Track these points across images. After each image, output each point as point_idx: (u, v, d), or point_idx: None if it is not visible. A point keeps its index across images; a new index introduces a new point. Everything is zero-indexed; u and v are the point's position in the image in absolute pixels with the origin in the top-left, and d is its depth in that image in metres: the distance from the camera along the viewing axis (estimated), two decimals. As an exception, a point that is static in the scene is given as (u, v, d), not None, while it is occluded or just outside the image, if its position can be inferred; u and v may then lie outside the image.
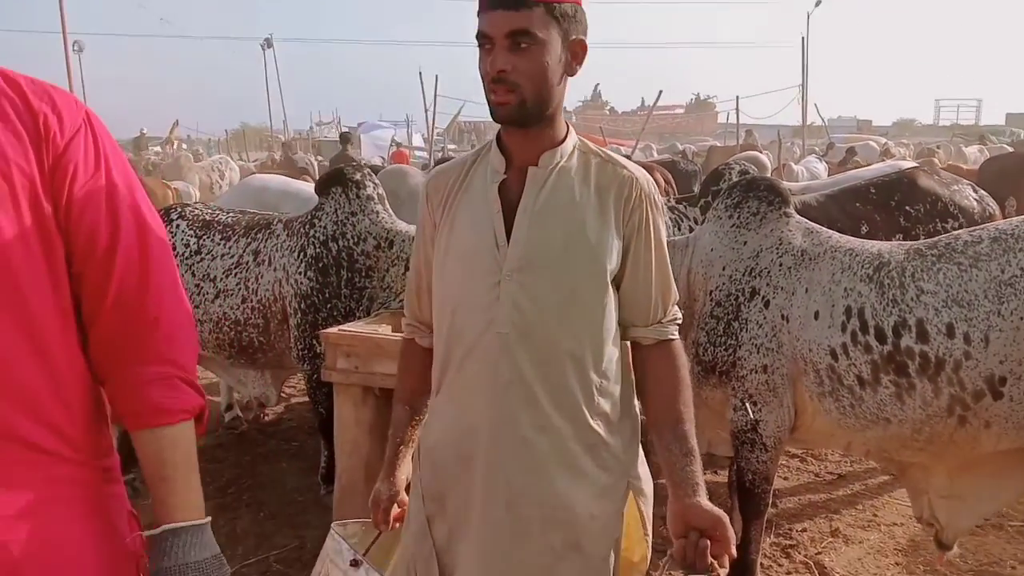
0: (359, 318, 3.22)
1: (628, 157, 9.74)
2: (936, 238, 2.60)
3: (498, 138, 1.56)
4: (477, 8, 1.43)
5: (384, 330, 2.84)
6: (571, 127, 1.57)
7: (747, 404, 2.64)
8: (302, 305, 3.31)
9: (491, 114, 1.48)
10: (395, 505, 1.70)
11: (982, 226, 2.59)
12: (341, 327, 2.87)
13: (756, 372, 2.62)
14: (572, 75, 1.50)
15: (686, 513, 1.42)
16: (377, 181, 3.62)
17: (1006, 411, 2.31)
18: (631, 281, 1.55)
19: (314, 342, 3.26)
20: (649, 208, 1.55)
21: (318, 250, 3.34)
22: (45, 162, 1.13)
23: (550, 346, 1.50)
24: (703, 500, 1.43)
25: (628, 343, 1.60)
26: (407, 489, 1.71)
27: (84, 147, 1.17)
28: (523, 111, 1.46)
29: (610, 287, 1.53)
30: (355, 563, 1.83)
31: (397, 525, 1.72)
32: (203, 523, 1.19)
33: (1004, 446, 2.38)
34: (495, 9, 1.41)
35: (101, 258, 1.17)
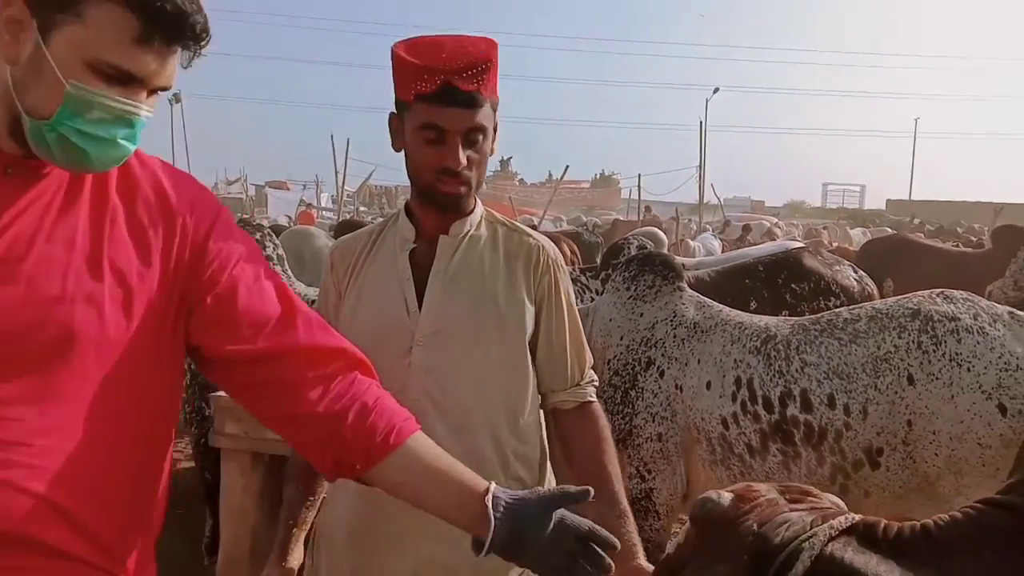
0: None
1: (535, 227, 9.95)
2: (819, 315, 2.75)
3: (407, 208, 1.60)
4: (425, 97, 1.44)
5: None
6: (477, 198, 1.61)
7: (642, 472, 2.68)
8: (192, 366, 3.18)
9: (431, 199, 1.51)
10: None
11: (861, 304, 2.75)
12: (233, 390, 2.77)
13: (651, 440, 2.67)
14: (493, 155, 1.56)
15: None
16: (277, 242, 3.57)
17: (883, 481, 2.42)
18: (546, 346, 1.57)
19: (203, 404, 3.13)
20: (557, 273, 1.59)
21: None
22: (183, 256, 1.13)
23: (464, 412, 1.49)
24: (643, 562, 1.44)
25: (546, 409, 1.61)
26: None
27: (223, 238, 1.17)
28: (467, 198, 1.53)
29: (526, 352, 1.55)
30: None
31: None
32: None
33: (882, 515, 2.48)
34: (453, 107, 1.44)
35: (273, 344, 1.16)
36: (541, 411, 1.62)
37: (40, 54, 1.00)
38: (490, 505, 1.12)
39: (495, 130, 1.53)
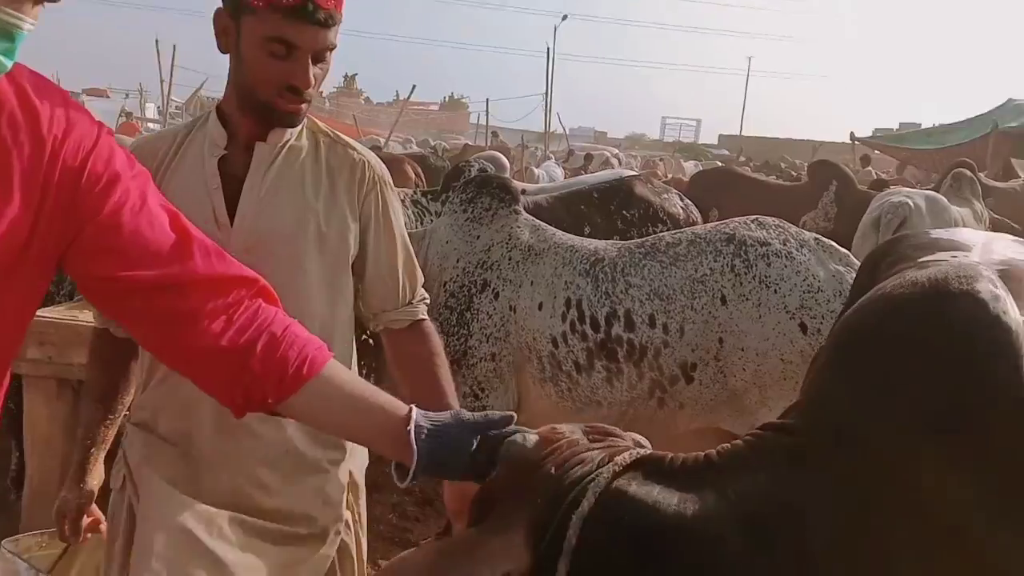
0: (59, 303, 2.89)
1: (380, 148, 9.67)
2: (644, 239, 2.87)
3: (218, 109, 1.46)
4: (279, 8, 1.32)
5: (85, 317, 2.56)
6: None
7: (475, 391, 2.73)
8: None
9: (265, 116, 1.41)
10: (85, 515, 1.54)
11: (682, 229, 2.89)
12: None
13: (485, 360, 2.72)
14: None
15: (465, 488, 1.43)
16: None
17: (696, 394, 2.60)
18: (375, 266, 1.52)
19: (2, 329, 2.86)
20: (383, 190, 1.53)
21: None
22: (52, 179, 1.00)
23: None
24: None
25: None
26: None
27: (101, 174, 1.05)
28: (305, 114, 1.43)
29: (347, 274, 1.50)
30: None
31: (89, 536, 1.56)
32: None
33: (695, 426, 2.68)
34: (311, 24, 1.33)
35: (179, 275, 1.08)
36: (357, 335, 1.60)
37: None
38: (412, 433, 1.08)
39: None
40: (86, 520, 1.54)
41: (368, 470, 1.67)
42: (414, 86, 15.12)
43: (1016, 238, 1.57)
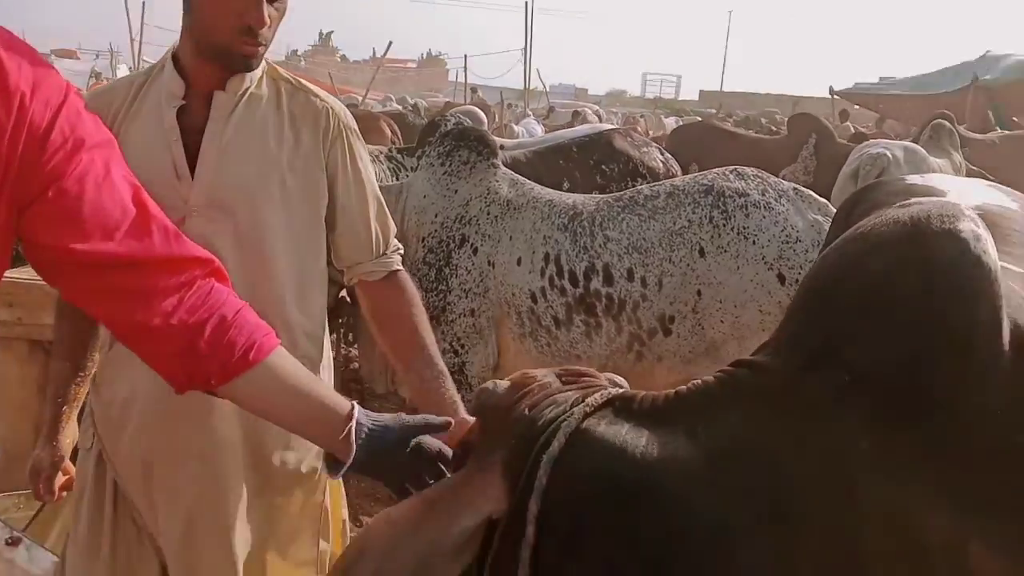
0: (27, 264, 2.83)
1: (356, 107, 9.51)
2: (622, 192, 2.85)
3: (174, 57, 1.41)
4: None
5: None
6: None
7: (455, 346, 2.72)
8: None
9: (221, 58, 1.36)
10: (60, 473, 1.52)
11: (661, 182, 2.87)
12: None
13: (464, 316, 2.71)
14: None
15: (456, 431, 1.43)
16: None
17: (674, 346, 2.60)
18: (345, 217, 1.49)
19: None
20: (350, 138, 1.48)
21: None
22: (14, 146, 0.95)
23: (247, 288, 1.36)
24: (465, 416, 1.42)
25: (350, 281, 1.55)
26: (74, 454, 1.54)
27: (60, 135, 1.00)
28: (261, 59, 1.38)
29: (318, 226, 1.47)
30: (12, 541, 1.62)
31: (64, 495, 1.55)
32: None
33: (673, 379, 2.69)
34: None
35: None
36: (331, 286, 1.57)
37: None
38: (353, 431, 1.10)
39: None
40: (61, 478, 1.53)
41: (364, 481, 1.67)
42: (390, 43, 14.90)
43: (990, 183, 1.56)
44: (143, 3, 14.27)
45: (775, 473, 0.88)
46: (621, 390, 1.00)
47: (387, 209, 1.58)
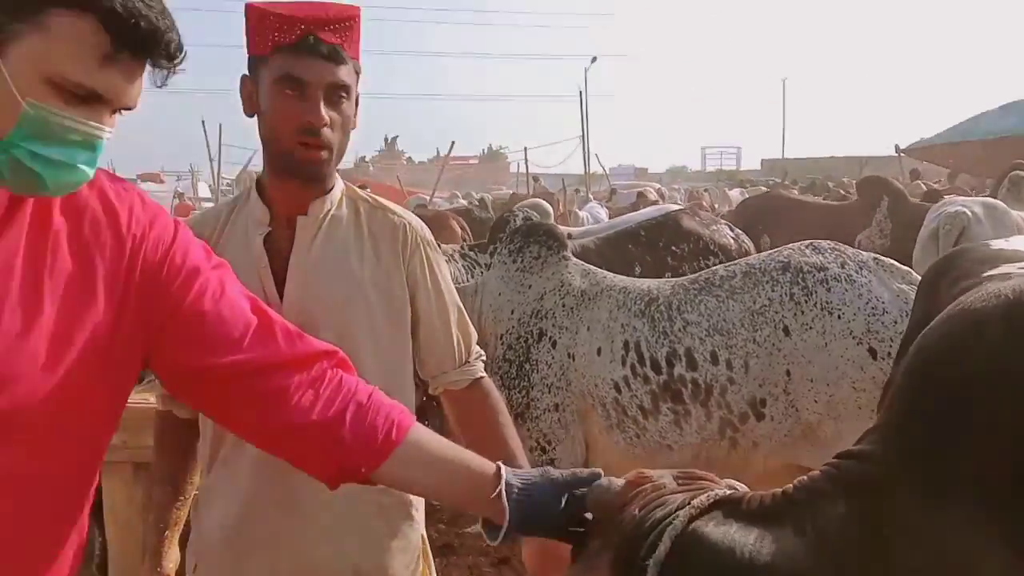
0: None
1: (425, 206, 9.79)
2: (697, 274, 2.84)
3: (258, 185, 1.48)
4: (285, 48, 1.36)
5: (155, 399, 2.62)
6: (338, 175, 1.53)
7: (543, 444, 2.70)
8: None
9: (288, 167, 1.41)
10: None
11: (735, 261, 2.85)
12: (108, 398, 2.61)
13: (549, 411, 2.69)
14: (354, 128, 1.48)
15: (544, 545, 1.41)
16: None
17: (769, 431, 2.52)
18: (427, 329, 1.51)
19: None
20: (427, 251, 1.52)
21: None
22: (133, 281, 1.04)
23: None
24: None
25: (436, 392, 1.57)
26: None
27: (183, 254, 1.10)
28: (328, 167, 1.42)
29: (403, 338, 1.49)
30: None
31: None
32: None
33: (772, 465, 2.60)
34: (316, 58, 1.35)
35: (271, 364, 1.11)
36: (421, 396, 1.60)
37: None
38: (504, 492, 1.09)
39: (357, 102, 1.45)
40: None
41: (442, 532, 1.66)
42: (453, 143, 15.41)
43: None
44: (220, 125, 15.21)
45: (889, 567, 0.85)
46: (728, 491, 0.99)
47: (467, 315, 1.60)
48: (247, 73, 1.43)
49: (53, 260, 0.98)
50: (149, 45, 0.95)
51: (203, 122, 15.70)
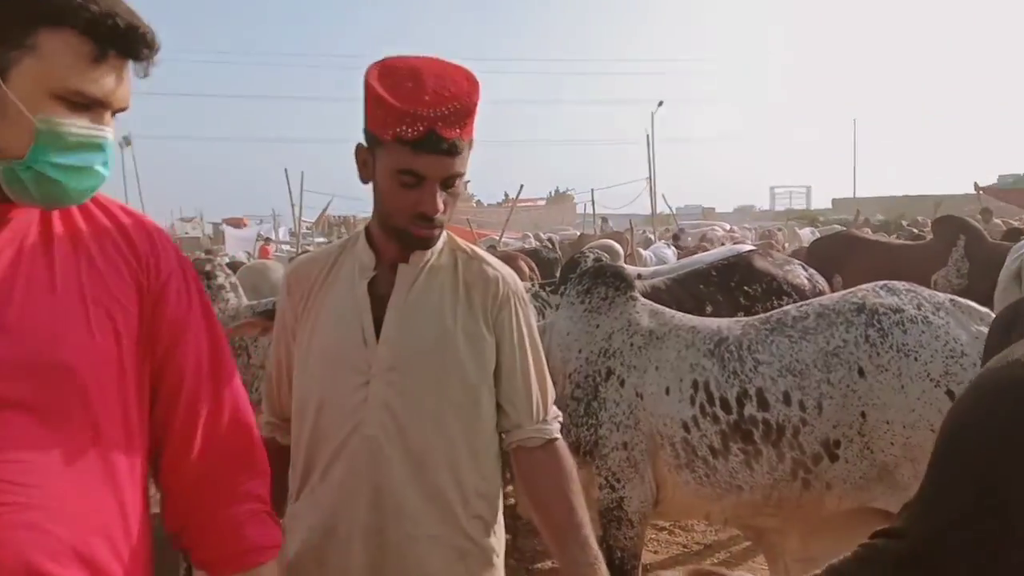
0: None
1: (495, 248, 9.91)
2: (769, 313, 2.82)
3: (367, 232, 1.54)
4: (406, 143, 1.38)
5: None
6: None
7: (611, 481, 2.70)
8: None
9: (401, 239, 1.47)
10: None
11: (808, 302, 2.83)
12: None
13: (617, 449, 2.70)
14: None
15: None
16: (228, 271, 3.56)
17: (843, 472, 2.48)
18: (508, 381, 1.52)
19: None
20: (516, 305, 1.54)
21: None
22: (145, 302, 1.12)
23: (423, 449, 1.45)
24: None
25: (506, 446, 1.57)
26: None
27: (177, 287, 1.17)
28: (438, 239, 1.49)
29: (488, 387, 1.51)
30: None
31: None
32: None
33: (847, 506, 2.54)
34: (435, 155, 1.38)
35: (191, 398, 1.16)
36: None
37: (1, 95, 0.98)
38: None
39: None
40: None
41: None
42: (522, 186, 15.65)
43: None
44: (302, 172, 15.81)
45: None
46: None
47: (548, 375, 1.59)
48: (363, 144, 1.47)
49: (88, 272, 1.08)
50: (130, 40, 1.04)
51: (286, 170, 16.30)
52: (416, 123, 1.35)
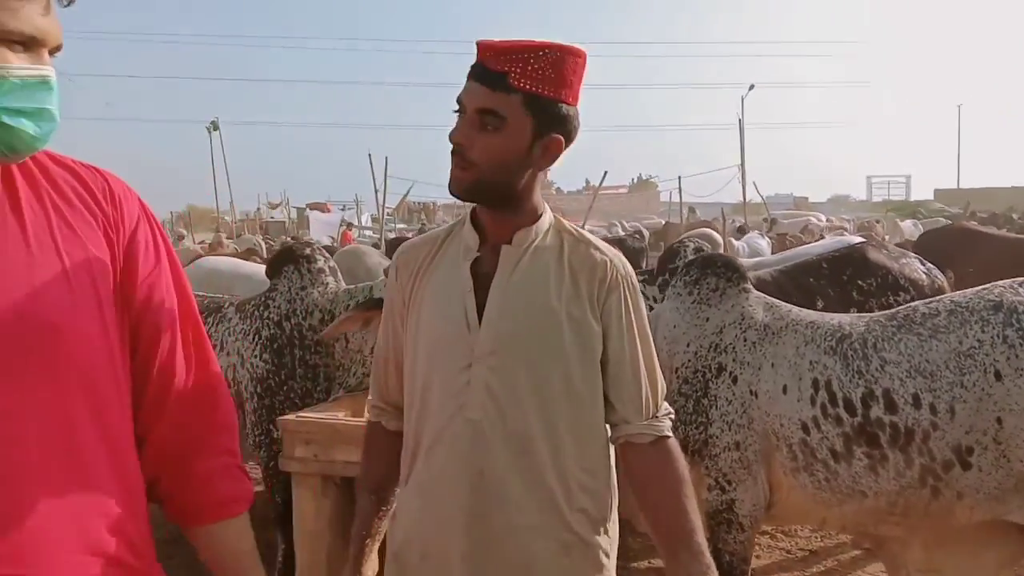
0: (317, 399, 3.12)
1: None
2: (894, 310, 2.65)
3: (472, 214, 1.51)
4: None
5: (343, 415, 2.75)
6: (547, 205, 1.52)
7: (722, 482, 2.60)
8: (258, 389, 3.20)
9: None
10: None
11: (936, 298, 2.65)
12: (299, 413, 2.77)
13: (729, 450, 2.59)
14: (539, 170, 1.45)
15: None
16: (327, 255, 3.58)
17: (976, 481, 2.31)
18: (616, 371, 1.46)
19: (271, 427, 3.13)
20: (627, 292, 1.47)
21: (272, 331, 3.24)
22: (117, 254, 1.11)
23: (525, 436, 1.40)
24: None
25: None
26: None
27: (145, 237, 1.15)
28: (475, 190, 1.42)
29: (594, 377, 1.45)
30: None
31: None
32: None
33: (978, 517, 2.38)
34: (475, 81, 1.38)
35: (165, 352, 1.16)
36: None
37: None
38: None
39: (549, 145, 1.42)
40: None
41: None
42: (605, 172, 15.27)
43: None
44: (386, 158, 15.95)
45: None
46: None
47: (659, 367, 1.52)
48: None
49: (59, 226, 1.06)
50: None
51: (369, 155, 16.51)
52: (476, 57, 1.38)
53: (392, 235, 14.37)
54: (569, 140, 1.45)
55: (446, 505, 1.43)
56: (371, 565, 1.62)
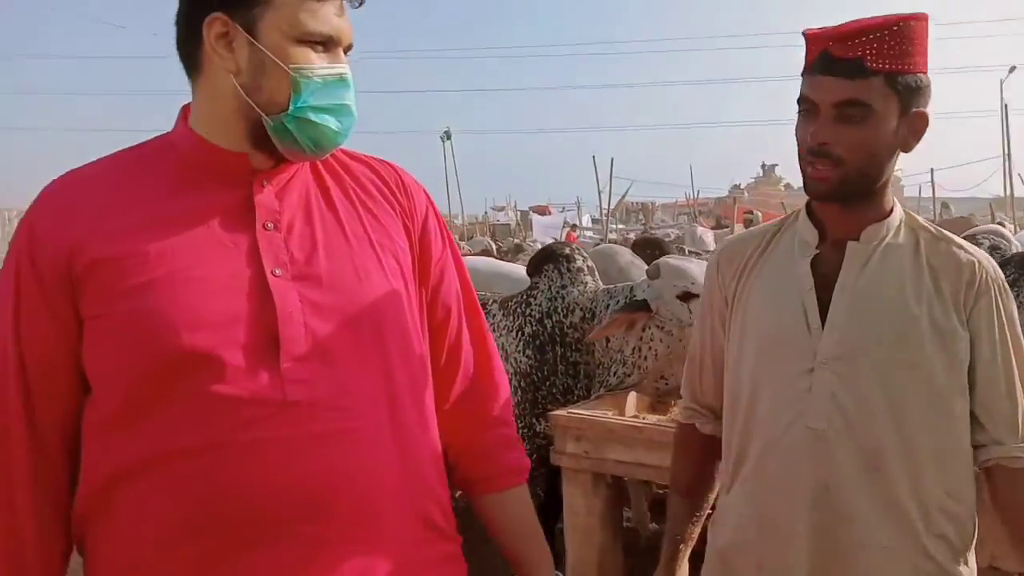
0: (577, 396, 3.14)
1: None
2: None
3: (807, 207, 1.41)
4: (804, 71, 1.32)
5: (612, 414, 2.73)
6: (896, 200, 1.39)
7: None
8: (522, 383, 3.28)
9: (804, 187, 1.34)
10: None
11: None
12: (570, 409, 2.79)
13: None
14: (907, 151, 1.34)
15: None
16: (585, 255, 3.61)
17: None
18: (987, 385, 1.32)
19: (534, 421, 3.20)
20: (999, 297, 1.32)
21: (535, 328, 3.33)
22: (414, 241, 1.21)
23: (877, 450, 1.29)
24: None
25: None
26: None
27: (434, 226, 1.24)
28: (843, 188, 1.31)
29: (960, 390, 1.32)
30: None
31: None
32: None
33: None
34: (824, 75, 1.28)
35: (454, 332, 1.24)
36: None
37: (257, 53, 1.04)
38: None
39: (914, 122, 1.31)
40: None
41: None
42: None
43: None
44: (611, 159, 16.06)
45: None
46: None
47: None
48: None
49: (367, 218, 1.15)
50: None
51: (593, 157, 16.68)
52: (814, 47, 1.29)
53: (613, 235, 14.38)
54: (928, 111, 1.34)
55: (784, 517, 1.35)
56: (683, 569, 1.58)
